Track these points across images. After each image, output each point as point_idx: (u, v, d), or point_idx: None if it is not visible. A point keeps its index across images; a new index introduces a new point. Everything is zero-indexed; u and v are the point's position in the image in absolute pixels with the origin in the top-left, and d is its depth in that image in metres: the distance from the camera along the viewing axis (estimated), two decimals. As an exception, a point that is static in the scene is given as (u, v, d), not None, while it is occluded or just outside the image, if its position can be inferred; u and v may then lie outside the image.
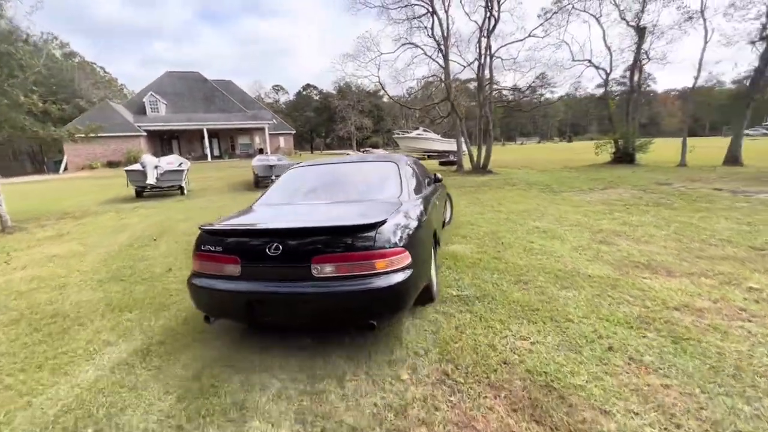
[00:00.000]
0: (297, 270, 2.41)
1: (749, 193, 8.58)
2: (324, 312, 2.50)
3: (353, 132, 50.78)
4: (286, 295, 2.44)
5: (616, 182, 11.09)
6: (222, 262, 2.56)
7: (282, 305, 2.53)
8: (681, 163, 14.52)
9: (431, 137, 30.44)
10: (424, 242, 2.92)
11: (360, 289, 2.33)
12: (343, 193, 3.60)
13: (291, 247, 2.42)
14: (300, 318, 2.59)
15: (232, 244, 2.60)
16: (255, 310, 2.51)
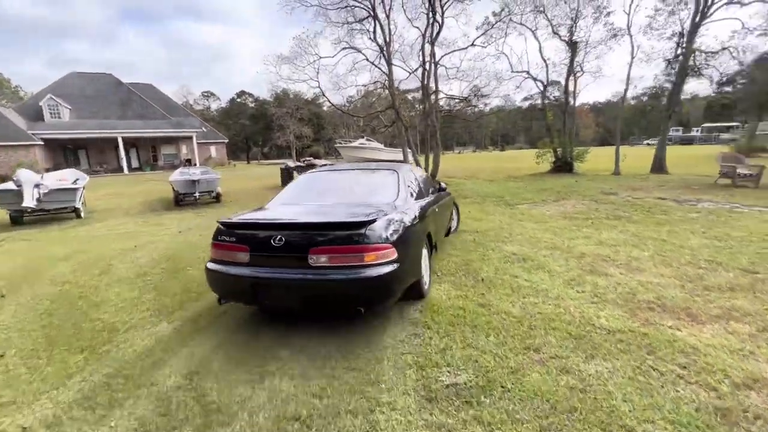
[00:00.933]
0: (296, 259, 2.76)
1: (691, 201, 8.74)
2: (317, 297, 2.85)
3: (292, 141, 48.53)
4: (286, 281, 2.77)
5: (564, 193, 10.98)
6: (234, 250, 2.94)
7: (282, 289, 2.85)
8: (615, 172, 15.16)
9: (375, 147, 29.73)
10: (413, 242, 3.23)
11: (350, 278, 2.64)
12: (347, 195, 3.99)
13: (292, 239, 2.80)
14: (296, 301, 2.89)
15: (243, 235, 2.97)
16: (259, 293, 2.90)
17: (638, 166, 17.01)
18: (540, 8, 16.59)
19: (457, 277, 4.19)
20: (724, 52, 14.16)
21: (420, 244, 3.44)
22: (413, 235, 3.26)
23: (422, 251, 3.47)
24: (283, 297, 2.90)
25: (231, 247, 2.97)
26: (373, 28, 13.76)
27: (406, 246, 2.99)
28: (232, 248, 2.96)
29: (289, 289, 2.82)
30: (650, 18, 15.63)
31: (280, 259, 2.81)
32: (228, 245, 2.99)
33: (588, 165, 17.20)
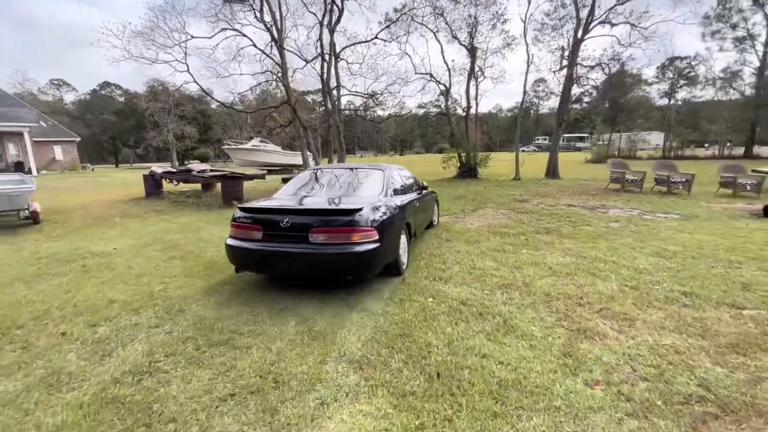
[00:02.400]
0: (300, 237, 3.51)
1: (600, 209, 8.65)
2: (316, 266, 3.57)
3: (171, 142, 41.75)
4: (292, 254, 3.50)
5: (479, 201, 10.29)
6: (250, 229, 3.72)
7: (288, 260, 3.57)
8: (516, 177, 15.44)
9: (270, 149, 26.74)
10: (393, 228, 3.98)
11: (341, 252, 3.43)
12: (340, 190, 4.75)
13: (297, 221, 3.57)
14: (299, 270, 3.71)
15: (257, 217, 3.75)
16: (269, 264, 3.76)
17: (532, 171, 17.84)
18: (439, 11, 16.22)
19: (388, 361, 2.50)
20: (597, 68, 15.44)
21: (399, 231, 4.21)
22: (393, 223, 3.99)
23: (401, 237, 4.30)
24: (289, 266, 3.69)
25: (247, 226, 3.75)
26: (260, 6, 11.42)
27: (386, 231, 3.76)
28: (248, 228, 3.74)
29: (294, 260, 3.54)
30: (537, 31, 16.41)
31: (288, 237, 3.55)
32: (245, 225, 3.77)
33: (489, 170, 17.42)
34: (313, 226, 3.48)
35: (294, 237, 3.50)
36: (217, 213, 9.42)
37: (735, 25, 28.70)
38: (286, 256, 3.51)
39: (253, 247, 3.62)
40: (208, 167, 13.92)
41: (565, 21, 15.51)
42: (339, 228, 3.48)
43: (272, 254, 3.56)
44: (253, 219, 3.71)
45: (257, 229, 3.64)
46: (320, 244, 3.45)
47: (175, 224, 8.02)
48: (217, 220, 8.29)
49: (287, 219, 3.53)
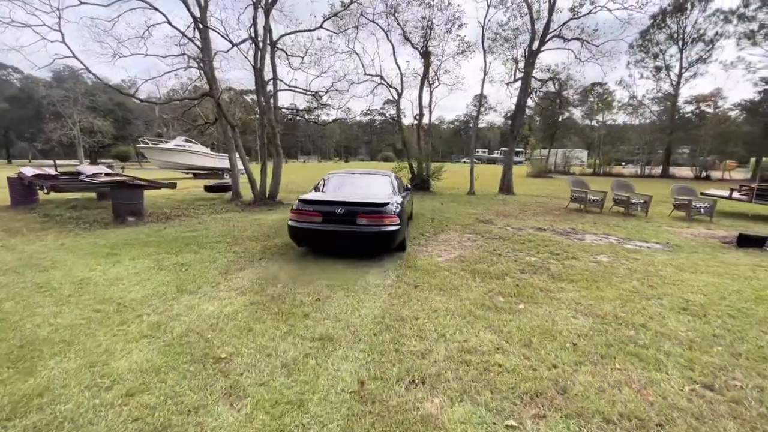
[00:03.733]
0: (349, 220, 5.17)
1: (573, 234, 7.72)
2: (360, 240, 5.22)
3: (77, 137, 35.72)
4: (344, 232, 5.18)
5: (439, 221, 8.94)
6: (312, 215, 5.29)
7: (342, 236, 5.22)
8: (470, 192, 14.51)
9: (196, 150, 23.49)
10: (403, 216, 5.68)
11: (376, 231, 5.15)
12: (366, 188, 6.51)
13: (347, 209, 5.21)
14: (348, 244, 5.34)
15: (318, 206, 5.32)
16: (327, 239, 5.30)
17: (484, 184, 17.17)
18: (391, 10, 14.94)
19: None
20: (550, 81, 15.14)
21: (405, 218, 5.99)
22: (403, 212, 5.72)
23: (405, 222, 6.07)
24: (342, 241, 5.31)
25: (309, 213, 5.32)
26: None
27: (401, 218, 5.49)
28: (310, 214, 5.31)
29: (345, 237, 5.23)
30: (490, 41, 15.80)
31: (341, 221, 5.21)
32: (307, 212, 5.33)
33: (441, 182, 16.38)
34: (359, 213, 5.22)
35: (345, 221, 5.22)
36: (100, 234, 6.95)
37: (656, 54, 31.38)
38: (340, 233, 5.23)
39: (314, 227, 5.28)
40: (104, 170, 11.03)
41: (519, 33, 15.08)
42: (376, 215, 5.23)
43: (330, 232, 5.24)
44: (314, 208, 5.32)
45: (318, 215, 5.28)
46: (363, 226, 5.20)
47: (14, 255, 5.51)
48: (93, 248, 5.91)
49: (341, 208, 5.24)
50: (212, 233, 7.17)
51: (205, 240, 6.60)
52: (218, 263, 5.22)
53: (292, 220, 5.40)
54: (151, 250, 5.82)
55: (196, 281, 4.44)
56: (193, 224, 8.14)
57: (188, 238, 6.69)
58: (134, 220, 8.02)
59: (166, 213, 9.28)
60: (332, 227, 5.20)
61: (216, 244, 6.30)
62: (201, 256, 5.57)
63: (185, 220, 8.69)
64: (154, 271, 4.81)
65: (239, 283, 4.43)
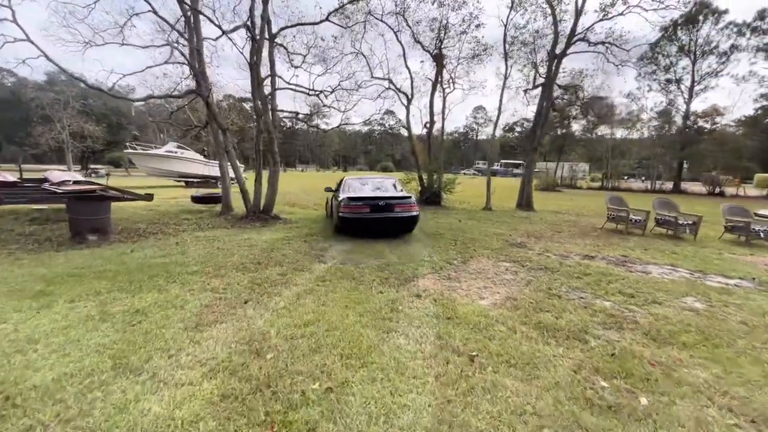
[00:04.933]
0: (389, 209, 7.29)
1: (630, 264, 6.36)
2: (396, 224, 7.44)
3: (66, 141, 34.25)
4: (386, 218, 7.29)
5: (463, 243, 7.57)
6: (361, 209, 7.22)
7: (384, 222, 7.30)
8: (487, 206, 13.18)
9: (189, 157, 22.11)
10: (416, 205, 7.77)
11: (408, 216, 7.44)
12: (386, 188, 8.56)
13: (388, 202, 7.31)
14: (387, 228, 7.52)
15: (365, 201, 7.27)
16: (373, 225, 7.30)
17: (497, 198, 15.85)
18: (400, 11, 13.81)
19: None
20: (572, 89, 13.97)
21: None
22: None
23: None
24: (384, 226, 7.37)
25: (359, 207, 7.20)
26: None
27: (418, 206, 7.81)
28: (360, 207, 7.20)
29: (386, 222, 7.28)
30: (507, 44, 14.64)
31: (384, 211, 7.23)
32: (357, 206, 7.21)
33: (452, 196, 15.05)
34: (395, 204, 7.40)
35: (386, 210, 7.34)
36: (45, 259, 5.50)
37: (668, 66, 30.56)
38: (383, 219, 7.31)
39: (363, 217, 7.25)
40: (74, 177, 9.60)
41: (538, 36, 13.94)
42: (406, 204, 7.47)
43: (376, 219, 7.28)
44: (362, 203, 7.30)
45: (366, 207, 7.28)
46: (398, 212, 7.38)
47: None
48: (23, 281, 4.47)
49: (383, 202, 7.35)
50: (189, 259, 5.75)
51: (178, 269, 5.17)
52: (187, 309, 3.80)
53: (343, 213, 7.30)
54: (101, 286, 4.39)
55: (147, 346, 3.02)
56: (168, 245, 6.72)
57: (157, 267, 5.26)
58: (96, 239, 6.59)
59: (140, 229, 7.86)
60: (377, 215, 7.30)
61: (191, 276, 4.87)
62: (166, 296, 4.15)
63: (161, 238, 7.26)
64: (91, 325, 3.38)
65: (210, 349, 3.01)
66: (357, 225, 7.27)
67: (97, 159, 56.15)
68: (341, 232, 7.70)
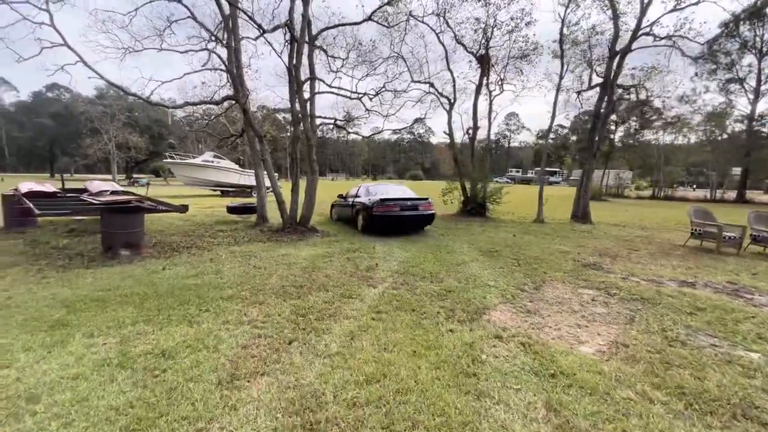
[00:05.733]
0: (414, 208, 8.81)
1: (749, 295, 5.15)
2: (419, 221, 9.10)
3: (112, 152, 35.87)
4: (412, 216, 8.81)
5: (528, 264, 6.58)
6: (392, 208, 8.48)
7: (410, 219, 8.83)
8: (538, 218, 12.03)
9: (225, 167, 22.20)
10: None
11: (428, 213, 9.00)
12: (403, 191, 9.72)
13: (414, 202, 8.90)
14: (413, 225, 9.11)
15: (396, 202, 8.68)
16: (401, 222, 8.71)
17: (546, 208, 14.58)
18: (441, 12, 13.07)
19: None
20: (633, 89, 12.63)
21: None
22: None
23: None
24: (409, 222, 8.82)
25: (391, 206, 8.42)
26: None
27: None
28: (392, 207, 8.43)
29: (412, 219, 8.79)
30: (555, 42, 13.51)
31: (411, 210, 8.68)
32: (389, 206, 8.41)
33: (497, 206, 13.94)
34: (420, 203, 8.82)
35: (413, 209, 8.70)
36: (72, 278, 5.05)
37: (730, 65, 28.03)
38: (409, 217, 8.65)
39: (394, 215, 8.47)
40: (111, 187, 9.41)
41: (593, 33, 12.74)
42: (427, 204, 8.91)
43: (404, 217, 8.58)
44: (393, 203, 8.52)
45: (397, 207, 8.52)
46: (421, 211, 8.78)
47: None
48: (43, 306, 3.96)
49: (411, 202, 8.77)
50: (224, 280, 5.13)
51: (212, 293, 4.54)
52: (221, 352, 3.10)
53: (377, 211, 8.40)
54: (126, 314, 3.80)
55: (171, 413, 2.31)
56: (202, 261, 6.17)
57: (189, 289, 4.66)
58: (128, 254, 6.14)
59: (174, 242, 7.42)
60: (405, 213, 8.59)
61: (225, 303, 4.22)
62: (197, 331, 3.48)
63: (194, 253, 6.74)
64: (107, 374, 2.73)
65: (251, 419, 2.27)
66: (388, 222, 8.54)
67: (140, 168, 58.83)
68: (371, 230, 8.80)
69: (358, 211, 9.17)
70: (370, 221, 8.55)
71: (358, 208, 9.13)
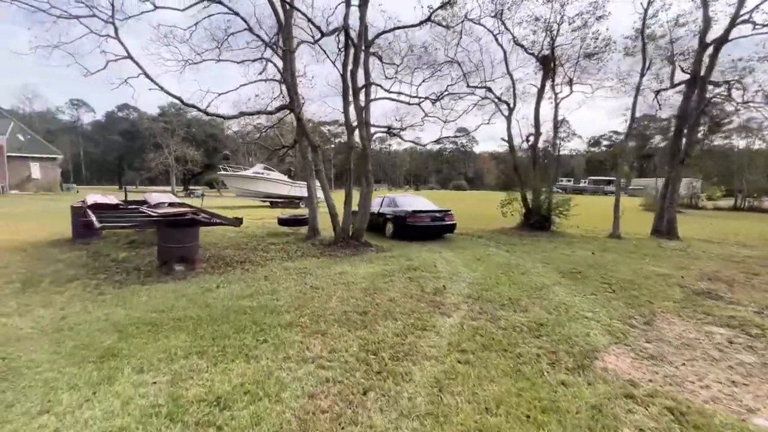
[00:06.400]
0: (441, 219, 10.09)
1: None
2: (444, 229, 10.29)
3: (171, 165, 38.25)
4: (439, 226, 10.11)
5: (623, 288, 5.56)
6: (424, 218, 9.79)
7: (437, 229, 10.12)
8: (614, 233, 10.69)
9: (274, 178, 22.58)
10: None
11: (451, 223, 10.25)
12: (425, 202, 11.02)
13: (441, 213, 10.18)
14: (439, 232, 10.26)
15: (427, 213, 9.97)
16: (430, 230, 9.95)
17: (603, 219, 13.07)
18: (498, 13, 12.28)
19: None
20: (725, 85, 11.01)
21: None
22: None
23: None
24: (436, 231, 10.06)
25: (422, 217, 9.71)
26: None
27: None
28: (423, 218, 9.72)
29: (438, 228, 10.07)
30: (628, 39, 12.18)
31: (438, 220, 9.96)
32: (421, 216, 9.70)
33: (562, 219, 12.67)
34: (444, 215, 10.07)
35: (440, 219, 9.93)
36: (128, 295, 4.82)
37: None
38: (437, 226, 9.90)
39: (425, 225, 9.64)
40: (168, 199, 9.51)
41: (675, 26, 11.32)
42: (450, 215, 10.14)
43: (432, 226, 9.78)
44: (424, 214, 9.70)
45: (428, 218, 9.71)
46: (447, 221, 10.04)
47: None
48: (95, 331, 3.66)
49: (439, 213, 10.04)
50: (281, 302, 4.65)
51: (269, 319, 4.06)
52: (285, 403, 2.53)
53: (411, 221, 9.56)
54: (179, 344, 3.39)
55: (228, 502, 1.75)
56: (256, 279, 5.79)
57: (244, 313, 4.22)
58: (183, 269, 5.91)
59: (227, 257, 7.17)
60: (434, 223, 9.86)
61: (284, 332, 3.70)
62: (255, 370, 2.96)
63: (248, 269, 6.41)
64: (155, 427, 2.25)
65: None
66: (419, 230, 9.68)
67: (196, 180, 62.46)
68: (402, 236, 9.79)
69: (387, 219, 10.43)
70: (403, 229, 9.71)
71: (388, 217, 10.36)
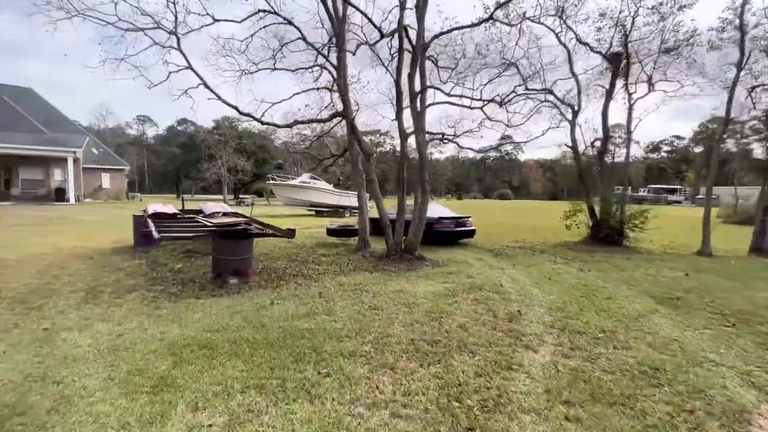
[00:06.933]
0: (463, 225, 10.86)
1: None
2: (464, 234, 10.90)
3: (224, 175, 40.14)
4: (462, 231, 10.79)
5: (745, 323, 4.57)
6: (449, 224, 10.55)
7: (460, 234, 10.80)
8: (705, 251, 9.35)
9: (321, 187, 22.76)
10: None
11: (472, 229, 11.01)
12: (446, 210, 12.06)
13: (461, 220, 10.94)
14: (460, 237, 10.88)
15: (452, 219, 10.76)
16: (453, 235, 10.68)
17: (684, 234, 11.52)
18: (558, 12, 11.40)
19: None
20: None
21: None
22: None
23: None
24: (457, 236, 10.71)
25: (448, 224, 10.51)
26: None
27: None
28: (448, 224, 10.51)
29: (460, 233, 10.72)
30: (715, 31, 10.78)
31: (461, 225, 10.72)
32: (446, 223, 10.46)
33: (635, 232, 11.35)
34: (465, 221, 10.91)
35: (462, 225, 10.70)
36: (183, 309, 4.64)
37: None
38: (459, 232, 10.62)
39: (449, 230, 10.42)
40: (221, 209, 9.57)
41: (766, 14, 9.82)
42: (469, 222, 10.98)
43: (456, 232, 10.54)
44: (450, 221, 10.52)
45: (453, 224, 10.54)
46: (468, 227, 10.83)
47: (25, 355, 3.25)
48: (150, 351, 3.43)
49: (462, 219, 10.83)
50: (339, 324, 4.23)
51: (329, 345, 3.64)
52: (361, 467, 2.05)
53: (438, 227, 10.19)
54: (235, 374, 3.04)
55: None
56: (310, 295, 5.45)
57: (302, 336, 3.84)
58: (236, 282, 5.71)
59: (279, 269, 6.94)
60: (457, 228, 10.62)
61: (347, 364, 3.26)
62: (321, 415, 2.52)
63: (301, 284, 6.11)
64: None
65: None
66: (444, 235, 10.28)
67: (246, 190, 65.29)
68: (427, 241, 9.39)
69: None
70: (430, 234, 9.72)
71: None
